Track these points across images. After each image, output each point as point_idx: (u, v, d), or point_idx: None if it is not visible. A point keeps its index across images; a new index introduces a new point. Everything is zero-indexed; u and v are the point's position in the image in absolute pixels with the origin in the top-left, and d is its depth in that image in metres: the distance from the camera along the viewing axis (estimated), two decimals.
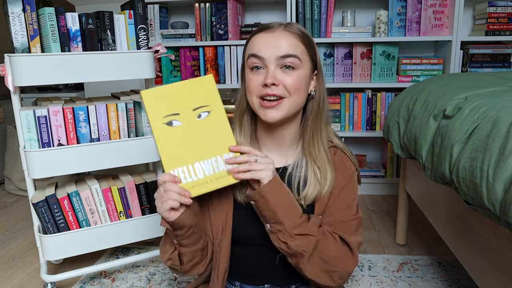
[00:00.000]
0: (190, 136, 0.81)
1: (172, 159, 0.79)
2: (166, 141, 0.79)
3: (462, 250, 1.12)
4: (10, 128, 2.47)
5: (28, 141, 1.26)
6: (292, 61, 0.83)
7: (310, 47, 0.87)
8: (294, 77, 0.84)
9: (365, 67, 2.24)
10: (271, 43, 0.83)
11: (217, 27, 2.25)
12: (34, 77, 1.22)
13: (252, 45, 0.86)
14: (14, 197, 2.46)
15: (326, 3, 2.13)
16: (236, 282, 0.99)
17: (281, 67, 0.83)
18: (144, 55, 1.37)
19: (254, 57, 0.84)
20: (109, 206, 1.41)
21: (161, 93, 0.79)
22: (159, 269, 1.57)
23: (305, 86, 0.87)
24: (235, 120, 0.94)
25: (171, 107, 0.80)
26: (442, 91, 1.20)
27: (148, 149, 1.42)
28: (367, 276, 1.48)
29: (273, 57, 0.83)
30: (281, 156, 0.93)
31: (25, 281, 1.52)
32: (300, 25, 0.89)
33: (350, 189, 0.92)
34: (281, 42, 0.83)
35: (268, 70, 0.83)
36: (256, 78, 0.84)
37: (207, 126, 0.82)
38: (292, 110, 0.86)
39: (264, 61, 0.83)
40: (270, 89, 0.82)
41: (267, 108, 0.84)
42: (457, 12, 2.04)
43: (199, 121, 0.81)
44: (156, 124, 0.78)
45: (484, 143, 0.83)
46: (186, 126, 0.80)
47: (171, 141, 0.79)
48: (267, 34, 0.85)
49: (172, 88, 0.80)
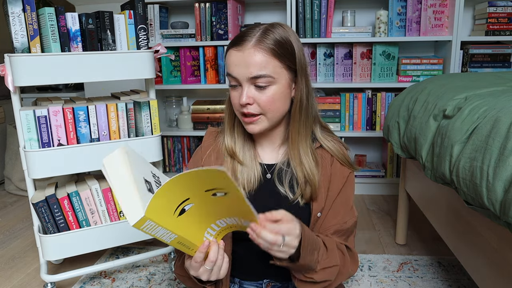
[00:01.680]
0: (206, 211, 0.70)
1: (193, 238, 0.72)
2: (185, 229, 0.70)
3: (462, 250, 1.12)
4: (10, 128, 2.47)
5: (28, 141, 1.26)
6: (263, 81, 0.82)
7: (285, 57, 0.84)
8: (268, 94, 0.84)
9: (365, 67, 2.24)
10: (241, 63, 0.82)
11: (217, 27, 2.25)
12: (34, 77, 1.22)
13: (227, 61, 0.86)
14: (14, 197, 2.45)
15: (326, 3, 2.13)
16: (236, 279, 1.00)
17: (255, 85, 0.84)
18: (144, 55, 1.37)
19: (229, 76, 0.86)
20: (109, 206, 1.41)
21: (160, 198, 0.63)
22: (159, 269, 1.57)
23: (282, 99, 0.86)
24: (225, 119, 0.96)
25: (176, 198, 0.66)
26: (442, 91, 1.20)
27: (148, 149, 1.42)
28: (367, 276, 1.48)
29: (244, 77, 0.83)
30: (274, 152, 0.95)
31: (25, 281, 1.52)
32: (278, 32, 0.83)
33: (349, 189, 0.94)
34: (250, 62, 0.81)
35: (243, 89, 0.84)
36: (234, 95, 0.87)
37: (224, 203, 0.69)
38: (272, 123, 0.89)
39: (237, 80, 0.84)
40: (245, 108, 0.85)
41: (247, 123, 0.87)
42: (457, 12, 2.04)
43: (214, 198, 0.67)
44: (169, 226, 0.67)
45: (484, 143, 0.83)
46: (200, 204, 0.69)
47: (188, 226, 0.70)
48: (237, 52, 0.83)
49: (172, 184, 0.63)
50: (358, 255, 1.62)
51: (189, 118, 2.41)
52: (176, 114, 2.49)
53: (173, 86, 2.37)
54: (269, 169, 0.94)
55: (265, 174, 0.93)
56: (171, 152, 2.52)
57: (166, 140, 2.50)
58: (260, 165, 0.94)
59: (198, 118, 2.37)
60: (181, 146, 2.51)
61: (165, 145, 2.51)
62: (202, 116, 2.36)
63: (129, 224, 0.62)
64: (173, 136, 2.48)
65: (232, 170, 0.92)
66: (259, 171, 0.92)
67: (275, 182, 0.92)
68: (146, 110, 1.40)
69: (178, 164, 2.54)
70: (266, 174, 0.93)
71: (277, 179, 0.92)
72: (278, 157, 0.95)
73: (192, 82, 2.37)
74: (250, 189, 0.91)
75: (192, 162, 1.00)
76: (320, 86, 2.29)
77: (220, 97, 2.57)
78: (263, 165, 0.94)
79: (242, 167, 0.92)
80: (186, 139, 2.49)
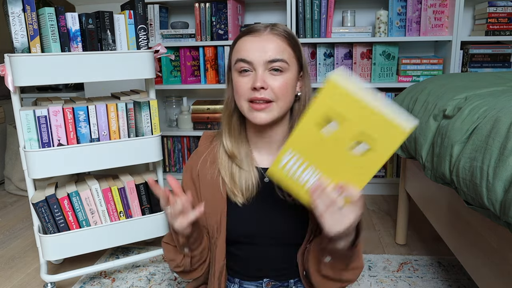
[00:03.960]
0: (330, 147, 0.69)
1: (299, 143, 0.71)
2: (310, 128, 0.70)
3: (462, 250, 1.12)
4: (10, 128, 2.47)
5: (28, 141, 1.26)
6: (280, 65, 0.83)
7: (296, 49, 0.87)
8: (282, 80, 0.84)
9: (365, 67, 2.24)
10: (258, 47, 0.83)
11: (217, 27, 2.25)
12: (34, 77, 1.22)
13: (239, 49, 0.85)
14: (14, 197, 2.45)
15: (326, 3, 2.13)
16: (236, 279, 1.00)
17: (269, 70, 0.83)
18: (144, 55, 1.37)
19: (242, 62, 0.84)
20: (109, 206, 1.41)
21: (348, 93, 0.65)
22: (159, 269, 1.57)
23: (292, 88, 0.87)
24: (223, 122, 0.95)
25: (344, 108, 0.67)
26: (442, 91, 1.20)
27: (148, 149, 1.42)
28: (367, 276, 1.48)
29: (261, 61, 0.83)
30: (271, 155, 0.94)
31: (25, 281, 1.52)
32: (286, 26, 0.89)
33: None
34: (268, 46, 0.83)
35: (257, 74, 0.83)
36: (244, 81, 0.84)
37: (353, 158, 0.68)
38: (280, 113, 0.87)
39: (252, 64, 0.83)
40: (259, 92, 0.83)
41: (257, 110, 0.84)
42: (457, 12, 2.04)
43: (347, 150, 0.68)
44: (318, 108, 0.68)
45: (484, 143, 0.83)
46: (335, 139, 0.68)
47: (313, 134, 0.69)
48: (254, 37, 0.84)
49: (364, 99, 0.64)
50: None
51: (189, 118, 2.41)
52: (176, 114, 2.49)
53: (173, 86, 2.37)
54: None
55: (262, 179, 0.93)
56: (171, 152, 2.52)
57: (166, 140, 2.50)
58: (256, 169, 0.93)
59: (198, 118, 2.37)
60: (181, 146, 2.51)
61: (165, 145, 2.51)
62: (202, 116, 2.36)
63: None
64: (173, 136, 2.48)
65: (230, 175, 0.91)
66: (256, 176, 0.92)
67: (273, 185, 0.92)
68: (146, 110, 1.40)
69: (178, 164, 2.54)
70: (264, 179, 0.93)
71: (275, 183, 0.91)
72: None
73: (192, 82, 2.37)
74: (249, 195, 0.91)
75: (188, 166, 0.99)
76: (320, 86, 2.29)
77: (220, 97, 2.55)
78: (260, 169, 0.94)
79: (240, 172, 0.91)
80: (186, 139, 2.49)
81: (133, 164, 1.41)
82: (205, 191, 0.94)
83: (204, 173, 0.94)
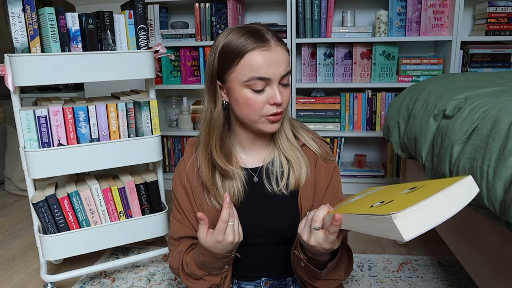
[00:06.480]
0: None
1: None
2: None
3: (462, 250, 1.12)
4: (10, 128, 2.47)
5: (28, 141, 1.26)
6: (288, 77, 0.85)
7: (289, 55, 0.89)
8: (288, 91, 0.87)
9: (365, 67, 2.24)
10: (271, 62, 0.81)
11: (217, 27, 2.25)
12: (34, 77, 1.22)
13: (251, 64, 0.80)
14: (14, 197, 2.45)
15: (326, 3, 2.13)
16: (234, 280, 1.00)
17: (280, 83, 0.84)
18: (144, 55, 1.37)
19: (260, 80, 0.81)
20: (109, 206, 1.41)
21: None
22: (159, 269, 1.57)
23: None
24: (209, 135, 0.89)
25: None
26: (442, 91, 1.20)
27: (148, 149, 1.42)
28: (367, 276, 1.48)
29: (278, 77, 0.82)
30: (258, 155, 0.96)
31: (25, 281, 1.52)
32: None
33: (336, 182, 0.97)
34: (280, 60, 0.82)
35: (274, 89, 0.83)
36: (261, 98, 0.83)
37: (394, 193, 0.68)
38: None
39: (269, 81, 0.82)
40: (279, 107, 0.85)
41: (272, 122, 0.86)
42: (457, 12, 2.04)
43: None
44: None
45: (484, 143, 0.83)
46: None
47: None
48: (266, 52, 0.80)
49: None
50: (358, 255, 1.62)
51: (189, 118, 2.41)
52: (176, 114, 2.49)
53: (173, 86, 2.37)
54: (254, 172, 0.95)
55: (251, 178, 0.94)
56: (171, 152, 2.52)
57: (166, 140, 2.50)
58: (244, 170, 0.94)
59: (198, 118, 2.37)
60: (181, 146, 2.51)
61: (165, 145, 2.51)
62: None
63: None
64: (173, 136, 2.48)
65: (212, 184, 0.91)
66: (243, 179, 0.92)
67: (263, 183, 0.93)
68: (146, 110, 1.40)
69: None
70: (253, 178, 0.94)
71: (265, 180, 0.93)
72: (263, 159, 0.95)
73: (192, 82, 2.37)
74: (236, 200, 0.92)
75: (177, 175, 0.98)
76: (320, 86, 2.29)
77: None
78: (248, 170, 0.94)
79: (224, 181, 0.92)
80: (186, 139, 2.49)
81: (133, 164, 1.41)
82: (197, 198, 0.95)
83: (192, 180, 0.95)
